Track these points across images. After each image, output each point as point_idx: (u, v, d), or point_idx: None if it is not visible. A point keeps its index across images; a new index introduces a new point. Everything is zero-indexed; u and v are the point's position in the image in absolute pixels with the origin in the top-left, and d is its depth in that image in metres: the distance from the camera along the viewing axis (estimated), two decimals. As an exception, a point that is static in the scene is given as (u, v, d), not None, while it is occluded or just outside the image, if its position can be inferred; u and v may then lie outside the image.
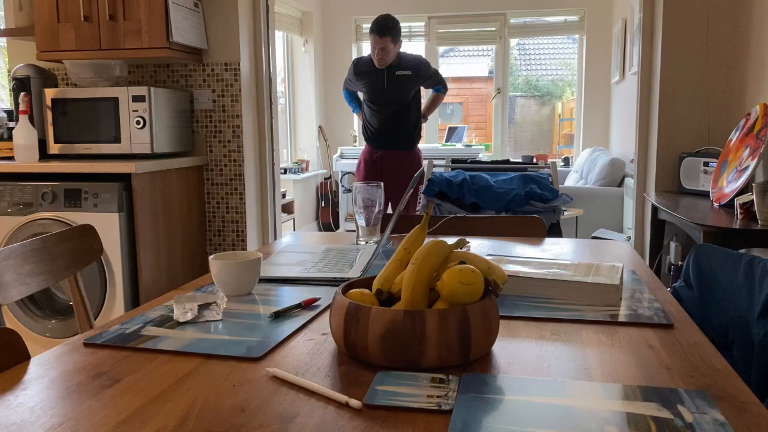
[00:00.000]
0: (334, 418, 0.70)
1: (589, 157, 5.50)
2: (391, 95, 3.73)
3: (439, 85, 3.90)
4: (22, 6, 3.22)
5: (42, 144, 3.15)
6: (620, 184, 4.85)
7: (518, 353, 0.88)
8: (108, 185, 2.79)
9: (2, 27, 3.34)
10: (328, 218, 6.46)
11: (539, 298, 1.13)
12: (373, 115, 3.80)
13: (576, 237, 4.73)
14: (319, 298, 1.14)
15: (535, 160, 5.80)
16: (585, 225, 4.77)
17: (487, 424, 0.67)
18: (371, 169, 3.84)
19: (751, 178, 2.52)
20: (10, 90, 3.35)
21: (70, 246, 1.44)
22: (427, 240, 0.93)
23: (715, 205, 2.67)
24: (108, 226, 2.79)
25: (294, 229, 5.88)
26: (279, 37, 6.10)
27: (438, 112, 6.84)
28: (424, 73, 3.78)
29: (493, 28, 6.45)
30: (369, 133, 3.84)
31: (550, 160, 5.34)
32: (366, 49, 6.57)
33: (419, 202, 3.70)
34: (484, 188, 3.64)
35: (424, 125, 4.01)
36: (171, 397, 0.76)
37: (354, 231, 1.70)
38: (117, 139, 3.02)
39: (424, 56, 6.69)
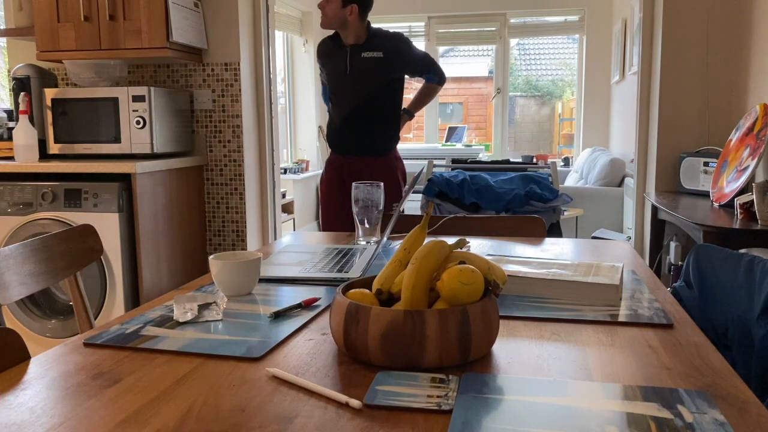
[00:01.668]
0: (334, 418, 0.70)
1: (589, 157, 5.50)
2: (355, 84, 2.85)
3: (430, 72, 2.99)
4: (22, 6, 3.22)
5: (42, 144, 3.15)
6: (620, 184, 4.85)
7: (518, 353, 0.88)
8: (108, 185, 2.79)
9: (2, 27, 3.34)
10: (328, 218, 6.45)
11: (539, 298, 1.13)
12: (335, 110, 2.95)
13: (576, 237, 4.73)
14: (319, 298, 1.14)
15: (535, 160, 5.80)
16: (585, 225, 4.77)
17: (487, 424, 0.67)
18: (333, 181, 2.96)
19: (751, 178, 2.52)
20: (10, 90, 3.35)
21: (70, 246, 1.44)
22: (427, 240, 0.93)
23: (715, 205, 2.67)
24: (108, 226, 2.79)
25: (294, 229, 5.88)
26: (279, 37, 6.10)
27: (437, 112, 6.82)
28: (401, 55, 2.87)
29: (493, 28, 6.45)
30: (331, 134, 2.99)
31: (550, 160, 5.34)
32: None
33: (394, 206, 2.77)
34: (484, 188, 3.64)
35: (410, 123, 3.09)
36: (171, 397, 0.76)
37: (354, 231, 1.70)
38: (117, 139, 3.02)
39: None
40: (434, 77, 3.00)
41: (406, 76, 2.99)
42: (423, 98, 3.07)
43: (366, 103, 2.86)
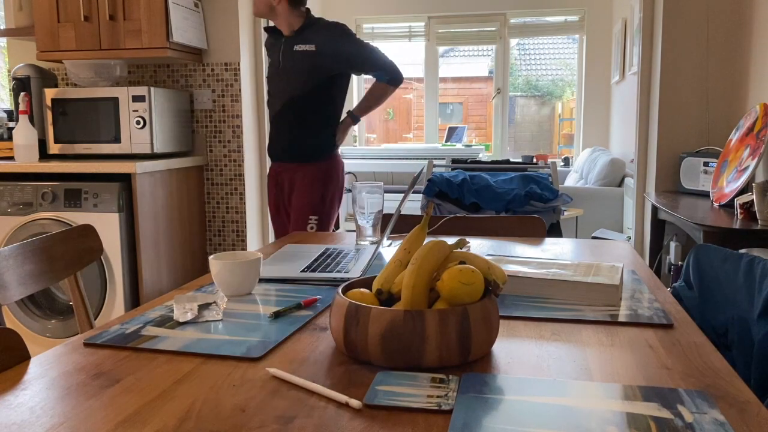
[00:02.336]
0: (334, 418, 0.70)
1: (589, 157, 5.50)
2: (285, 80, 2.54)
3: (377, 70, 2.54)
4: (22, 6, 3.22)
5: (42, 144, 3.15)
6: (620, 184, 4.85)
7: (518, 353, 0.88)
8: (108, 185, 2.79)
9: (2, 27, 3.34)
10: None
11: (539, 298, 1.13)
12: (268, 110, 2.70)
13: (576, 237, 4.73)
14: (319, 298, 1.14)
15: (535, 160, 5.80)
16: (585, 225, 4.77)
17: (487, 424, 0.67)
18: (271, 192, 2.72)
19: (751, 178, 2.52)
20: (10, 90, 3.35)
21: (70, 246, 1.44)
22: (427, 240, 0.93)
23: (715, 205, 2.67)
24: (108, 226, 2.79)
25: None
26: (279, 37, 6.08)
27: (437, 112, 6.81)
28: (336, 49, 2.48)
29: (493, 28, 6.45)
30: (268, 140, 2.78)
31: (550, 160, 5.33)
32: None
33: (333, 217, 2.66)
34: (484, 188, 3.64)
35: (354, 129, 2.70)
36: (171, 397, 0.76)
37: (354, 231, 1.70)
38: (117, 139, 3.02)
39: (423, 55, 6.17)
40: (383, 75, 2.55)
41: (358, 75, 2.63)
42: (371, 100, 2.64)
43: (294, 103, 2.53)
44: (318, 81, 2.51)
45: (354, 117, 2.68)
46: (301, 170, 2.60)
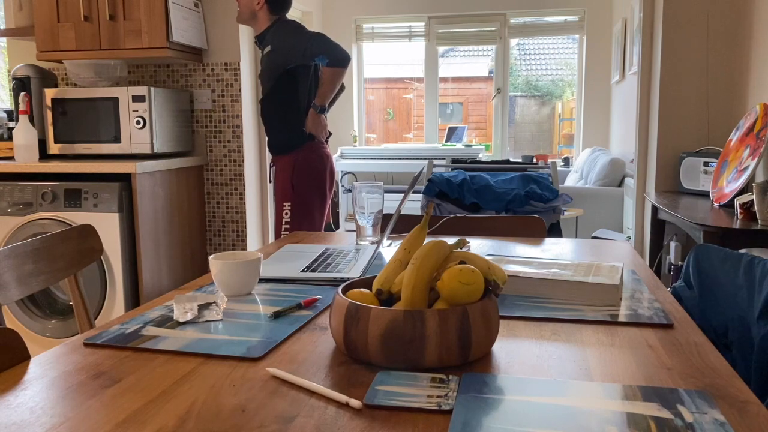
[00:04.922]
0: (334, 418, 0.70)
1: (589, 157, 5.50)
2: (261, 82, 2.83)
3: (318, 55, 2.67)
4: (22, 6, 3.22)
5: (42, 144, 3.15)
6: (620, 184, 4.85)
7: (518, 353, 0.88)
8: (108, 185, 2.79)
9: (2, 27, 3.34)
10: (328, 218, 6.45)
11: (539, 298, 1.13)
12: None
13: (576, 237, 4.73)
14: (319, 298, 1.14)
15: (535, 160, 5.80)
16: (585, 225, 4.77)
17: (487, 424, 0.67)
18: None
19: (751, 178, 2.52)
20: (10, 90, 3.35)
21: (70, 246, 1.44)
22: (427, 240, 0.93)
23: (715, 205, 2.67)
24: (108, 226, 2.79)
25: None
26: (279, 37, 6.07)
27: (437, 112, 6.81)
28: (285, 43, 2.68)
29: (493, 28, 6.45)
30: None
31: (550, 160, 5.34)
32: (367, 49, 6.57)
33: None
34: (484, 188, 3.64)
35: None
36: (171, 397, 0.76)
37: (354, 231, 1.70)
38: (117, 139, 3.02)
39: (423, 55, 6.21)
40: (323, 59, 2.68)
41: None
42: (323, 86, 2.74)
43: (264, 102, 2.81)
44: (277, 78, 2.72)
45: (316, 107, 2.78)
46: (277, 162, 2.86)
